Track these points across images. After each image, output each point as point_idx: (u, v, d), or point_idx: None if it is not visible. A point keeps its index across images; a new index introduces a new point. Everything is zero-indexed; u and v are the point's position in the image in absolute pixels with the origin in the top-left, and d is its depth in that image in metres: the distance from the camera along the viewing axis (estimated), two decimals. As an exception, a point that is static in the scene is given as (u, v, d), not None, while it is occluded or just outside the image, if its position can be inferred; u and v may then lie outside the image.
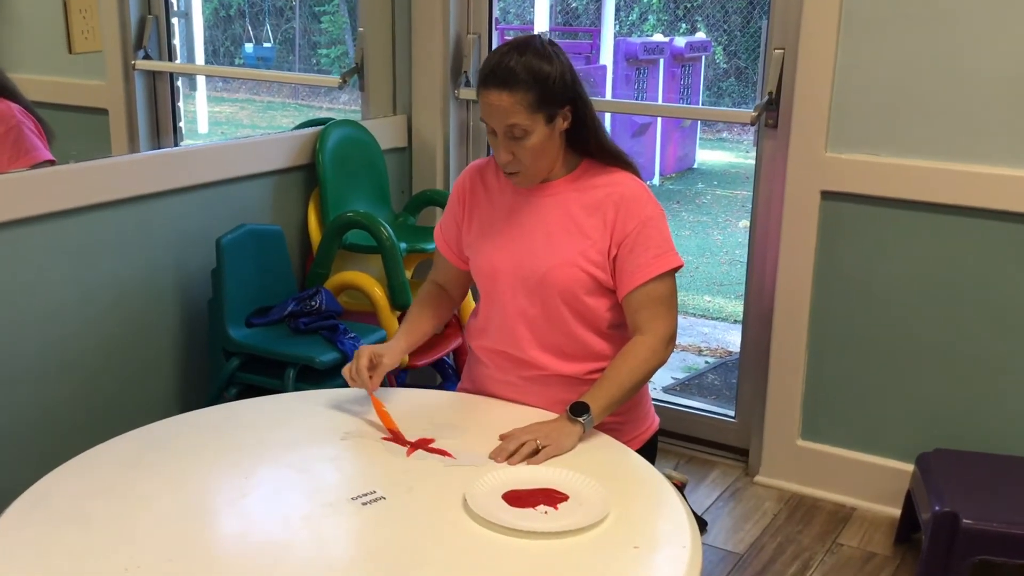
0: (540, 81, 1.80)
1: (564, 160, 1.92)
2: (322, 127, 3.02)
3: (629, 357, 1.86)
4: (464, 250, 2.02)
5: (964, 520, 2.29)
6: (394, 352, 1.93)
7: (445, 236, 2.06)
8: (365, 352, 1.87)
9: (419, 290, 2.11)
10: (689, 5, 10.31)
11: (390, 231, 2.76)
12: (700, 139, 9.69)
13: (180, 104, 3.79)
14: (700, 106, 9.15)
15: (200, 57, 5.83)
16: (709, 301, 5.69)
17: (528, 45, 1.83)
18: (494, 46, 3.36)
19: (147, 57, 3.63)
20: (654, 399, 2.22)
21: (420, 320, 2.05)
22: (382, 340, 2.71)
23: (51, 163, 2.57)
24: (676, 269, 1.89)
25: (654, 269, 1.86)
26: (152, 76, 3.67)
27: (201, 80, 7.09)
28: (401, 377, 2.96)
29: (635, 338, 1.87)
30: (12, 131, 2.55)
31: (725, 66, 10.39)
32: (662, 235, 1.88)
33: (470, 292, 3.09)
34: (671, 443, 3.21)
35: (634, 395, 1.89)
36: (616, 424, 1.91)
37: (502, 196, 1.95)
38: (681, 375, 4.19)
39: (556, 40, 1.90)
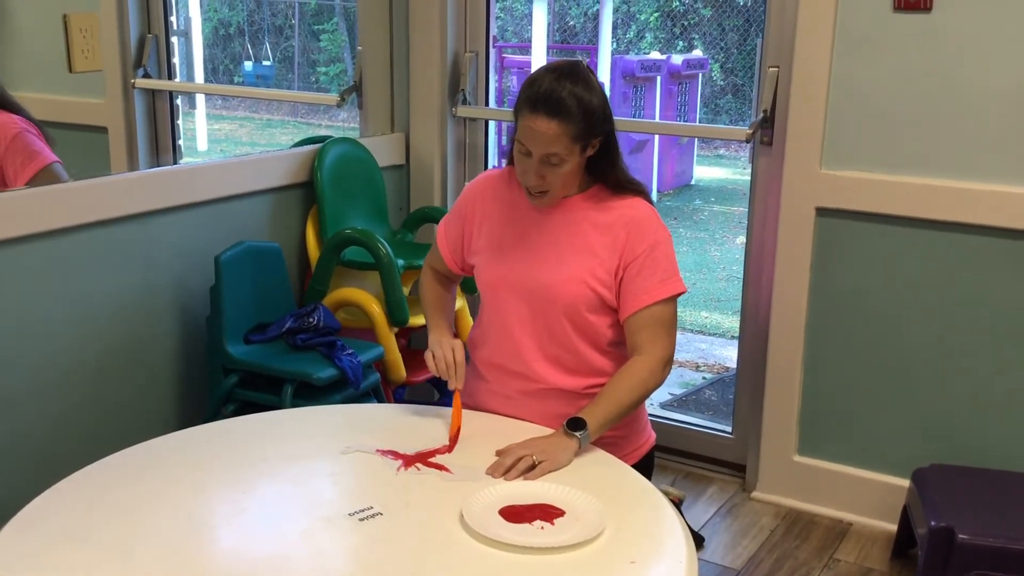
0: (587, 113, 1.82)
1: (580, 179, 1.94)
2: (320, 145, 3.04)
3: (627, 376, 1.87)
4: (467, 258, 2.04)
5: (960, 535, 2.29)
6: (458, 345, 1.94)
7: (448, 238, 2.08)
8: (458, 346, 1.90)
9: (425, 276, 2.14)
10: (686, 23, 10.37)
11: (388, 248, 2.78)
12: (697, 155, 9.73)
13: (179, 122, 3.81)
14: (697, 123, 9.19)
15: (200, 75, 5.86)
16: (706, 317, 5.70)
17: (577, 74, 1.83)
18: (491, 65, 3.39)
19: (146, 75, 3.65)
20: (651, 415, 2.22)
21: (447, 302, 2.10)
22: (379, 356, 2.73)
23: (59, 163, 2.59)
24: (679, 295, 1.91)
25: (659, 293, 1.88)
26: (151, 94, 3.69)
27: (200, 98, 7.13)
28: (399, 393, 2.97)
29: (634, 358, 1.89)
30: (19, 138, 2.58)
31: (722, 83, 10.43)
32: (669, 260, 1.91)
33: (466, 306, 3.12)
34: (668, 459, 3.22)
35: (630, 414, 1.91)
36: (613, 439, 1.92)
37: (514, 209, 1.97)
38: (678, 391, 4.20)
39: (554, 58, 1.91)
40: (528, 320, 1.93)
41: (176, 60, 3.79)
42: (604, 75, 8.63)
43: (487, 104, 3.41)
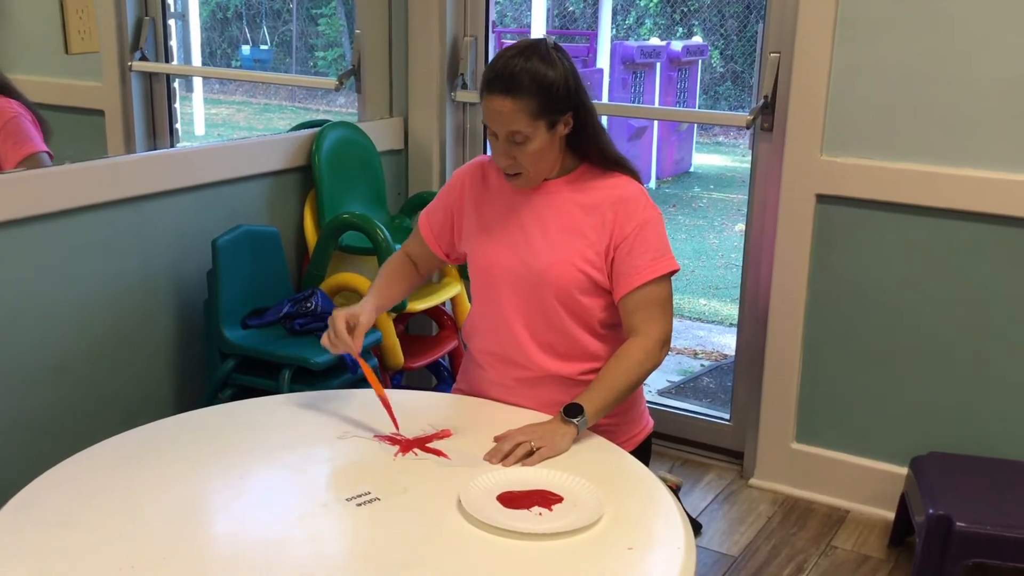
0: (543, 88, 1.80)
1: (564, 161, 1.92)
2: (318, 129, 3.02)
3: (623, 359, 1.86)
4: (457, 245, 2.03)
5: (958, 523, 2.29)
6: (368, 311, 1.93)
7: (431, 222, 2.06)
8: (340, 316, 1.88)
9: (390, 258, 2.12)
10: (686, 9, 10.34)
11: (386, 233, 2.77)
12: (696, 143, 9.71)
13: (176, 105, 3.79)
14: (696, 110, 9.16)
15: (197, 59, 5.83)
16: (705, 304, 5.70)
17: (533, 50, 1.82)
18: (491, 49, 3.37)
19: (144, 58, 3.63)
20: (649, 402, 2.22)
21: (391, 286, 2.06)
22: (377, 342, 2.73)
23: (48, 155, 2.58)
24: (672, 273, 1.90)
25: (651, 272, 1.87)
26: (148, 77, 3.67)
27: (198, 82, 7.09)
28: (397, 379, 2.97)
29: (630, 340, 1.88)
30: (10, 123, 2.57)
31: (722, 70, 10.41)
32: (659, 238, 1.89)
33: (464, 294, 3.11)
34: (666, 446, 3.21)
35: (628, 397, 1.90)
36: (610, 426, 1.91)
37: (502, 195, 1.96)
38: (676, 378, 4.20)
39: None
40: (521, 307, 1.92)
41: (173, 43, 3.77)
42: (604, 61, 8.60)
43: (486, 89, 3.39)
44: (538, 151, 1.84)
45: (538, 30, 8.05)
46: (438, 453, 1.70)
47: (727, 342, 4.89)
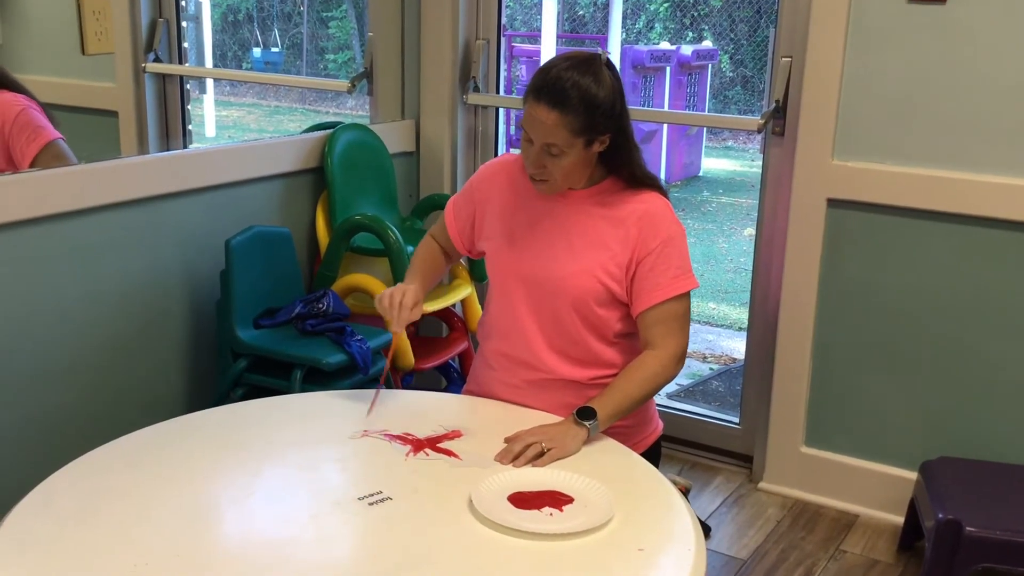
0: (590, 108, 1.79)
1: (592, 173, 1.92)
2: (331, 131, 3.03)
3: (640, 369, 1.87)
4: (477, 242, 2.03)
5: (967, 528, 2.29)
6: (421, 298, 1.96)
7: (457, 219, 2.06)
8: (411, 292, 1.91)
9: (424, 242, 2.12)
10: (696, 14, 10.34)
11: (397, 234, 2.78)
12: (705, 147, 9.71)
13: (189, 107, 3.81)
14: (707, 114, 9.17)
15: (209, 61, 5.85)
16: (714, 308, 5.70)
17: (588, 66, 1.81)
18: (502, 52, 3.38)
19: (157, 60, 3.65)
20: (659, 405, 2.23)
21: (431, 271, 2.08)
22: (388, 343, 2.73)
23: (63, 140, 2.59)
24: (692, 289, 1.91)
25: (672, 290, 1.87)
26: (162, 79, 3.69)
27: (210, 84, 7.13)
28: (407, 380, 2.97)
29: (646, 352, 1.89)
30: (21, 116, 2.59)
31: (731, 75, 10.40)
32: (682, 256, 1.89)
33: (475, 296, 3.12)
34: (675, 449, 3.22)
35: (640, 406, 1.90)
36: (621, 428, 1.92)
37: (528, 201, 1.96)
38: (686, 381, 4.20)
39: (563, 47, 1.90)
40: (537, 312, 1.93)
41: (186, 45, 3.79)
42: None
43: (498, 92, 3.40)
44: (570, 165, 1.84)
45: (548, 34, 8.05)
46: (449, 453, 1.70)
47: (736, 346, 4.89)
